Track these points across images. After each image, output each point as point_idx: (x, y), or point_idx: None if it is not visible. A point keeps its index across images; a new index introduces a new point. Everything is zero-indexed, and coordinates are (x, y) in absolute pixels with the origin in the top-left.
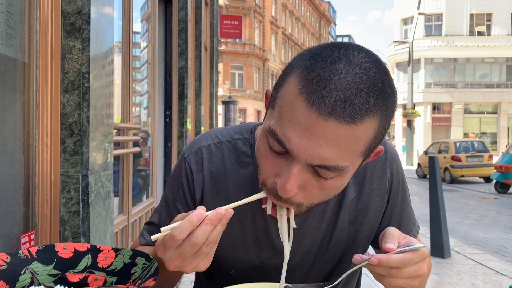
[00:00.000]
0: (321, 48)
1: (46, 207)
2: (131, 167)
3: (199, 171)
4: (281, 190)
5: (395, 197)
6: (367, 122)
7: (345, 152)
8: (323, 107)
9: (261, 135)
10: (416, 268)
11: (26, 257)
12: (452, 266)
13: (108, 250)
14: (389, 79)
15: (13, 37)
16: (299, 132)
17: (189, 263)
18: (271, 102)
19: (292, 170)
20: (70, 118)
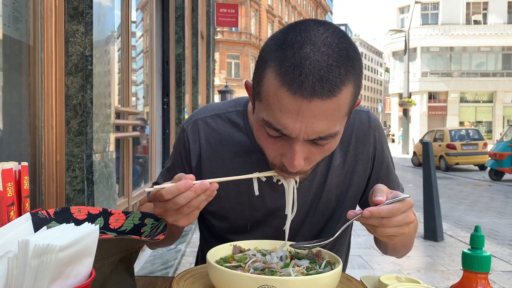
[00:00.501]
0: (284, 35)
1: (52, 186)
2: (131, 151)
3: (196, 141)
4: (290, 167)
5: (380, 162)
6: (344, 90)
7: (333, 120)
8: (305, 92)
9: (257, 126)
10: (404, 216)
11: (45, 217)
12: (445, 249)
13: (119, 213)
14: (350, 42)
15: (19, 21)
16: (291, 118)
17: (170, 216)
18: (256, 95)
19: (295, 148)
20: (74, 100)
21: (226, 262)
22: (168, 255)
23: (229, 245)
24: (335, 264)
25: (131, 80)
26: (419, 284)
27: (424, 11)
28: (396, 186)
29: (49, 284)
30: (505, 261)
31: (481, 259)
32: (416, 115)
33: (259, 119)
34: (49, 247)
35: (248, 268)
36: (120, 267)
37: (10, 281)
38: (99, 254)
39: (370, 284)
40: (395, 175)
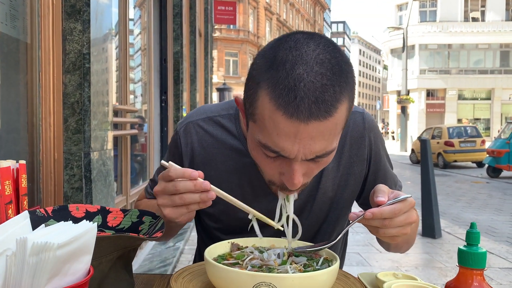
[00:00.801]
0: (273, 52)
1: (50, 183)
2: (129, 148)
3: (188, 144)
4: (290, 186)
5: (377, 163)
6: (340, 108)
7: (330, 139)
8: (301, 115)
9: (252, 145)
10: (406, 216)
11: (43, 215)
12: (443, 246)
13: (117, 211)
14: (341, 54)
15: (17, 18)
16: (289, 141)
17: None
18: (249, 116)
19: (294, 167)
20: (72, 98)
21: (224, 259)
22: (167, 253)
23: (226, 242)
24: (332, 261)
25: (129, 78)
26: (416, 281)
27: (422, 8)
28: (393, 184)
29: (47, 281)
30: (502, 258)
31: (476, 255)
32: (414, 113)
33: (254, 140)
34: (47, 244)
35: (246, 266)
36: (118, 264)
37: (8, 278)
38: (97, 252)
39: (367, 281)
40: (392, 173)
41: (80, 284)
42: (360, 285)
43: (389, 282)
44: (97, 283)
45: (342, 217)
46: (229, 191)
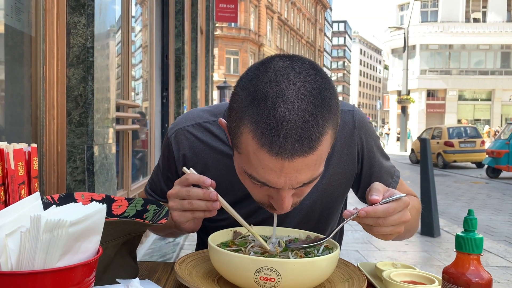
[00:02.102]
0: (254, 85)
1: (53, 176)
2: (131, 143)
3: (179, 150)
4: (280, 210)
5: (371, 160)
6: (324, 140)
7: (316, 168)
8: (285, 153)
9: (239, 171)
10: (400, 215)
11: (49, 202)
12: (441, 244)
13: (122, 200)
14: (322, 79)
15: (22, 12)
16: (275, 175)
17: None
18: (234, 146)
19: (282, 194)
20: (76, 91)
21: (227, 246)
22: (167, 248)
23: (229, 230)
24: (332, 248)
25: (131, 73)
26: (414, 270)
27: (423, 9)
28: (390, 177)
29: (59, 257)
30: (500, 257)
31: (473, 241)
32: (415, 113)
33: (241, 169)
34: (60, 221)
35: (248, 252)
36: (123, 250)
37: (22, 254)
38: (104, 236)
39: (367, 270)
40: (388, 165)
41: (90, 262)
42: (359, 272)
43: (387, 271)
44: (103, 267)
45: (334, 214)
46: (221, 194)
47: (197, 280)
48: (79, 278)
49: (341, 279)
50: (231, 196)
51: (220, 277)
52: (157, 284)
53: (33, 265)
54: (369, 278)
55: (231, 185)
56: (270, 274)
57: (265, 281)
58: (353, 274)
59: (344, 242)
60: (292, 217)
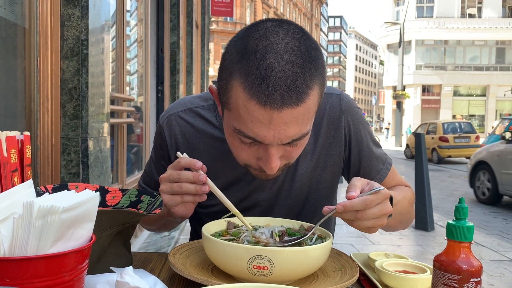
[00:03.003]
0: (244, 42)
1: (48, 169)
2: (126, 137)
3: (171, 136)
4: (268, 170)
5: (359, 144)
6: (311, 94)
7: (304, 123)
8: (274, 103)
9: (228, 131)
10: (379, 208)
11: (43, 192)
12: (435, 239)
13: (116, 191)
14: (310, 40)
15: (15, 3)
16: (264, 127)
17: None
18: (224, 104)
19: (270, 152)
20: (70, 84)
21: (221, 236)
22: (162, 241)
23: (223, 220)
24: (325, 238)
25: (125, 67)
26: (406, 260)
27: (419, 4)
28: (381, 163)
29: (52, 244)
30: (493, 251)
31: (464, 229)
32: (410, 108)
33: (230, 126)
34: (53, 208)
35: (242, 241)
36: (117, 240)
37: (15, 240)
38: (98, 226)
39: (360, 260)
40: (379, 152)
41: (83, 248)
42: (352, 262)
43: (380, 261)
44: (97, 257)
45: (324, 200)
46: (212, 178)
47: (191, 270)
48: (72, 265)
49: (333, 268)
50: (223, 180)
51: (213, 266)
52: (151, 273)
53: (26, 251)
54: (361, 267)
55: (223, 169)
56: (263, 263)
57: (258, 270)
58: (346, 264)
59: (339, 235)
60: (281, 204)
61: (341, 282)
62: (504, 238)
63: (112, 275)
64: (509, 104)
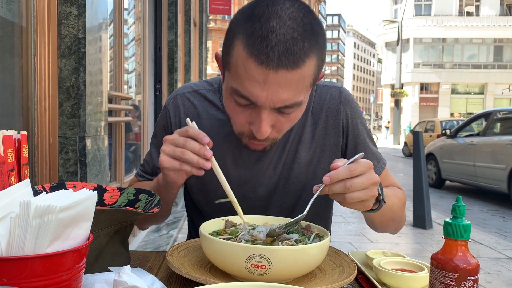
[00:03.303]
0: (251, 8)
1: (45, 167)
2: (123, 136)
3: (176, 115)
4: (258, 134)
5: (356, 137)
6: (308, 62)
7: (297, 90)
8: (271, 63)
9: (226, 94)
10: (366, 177)
11: (40, 191)
12: (433, 236)
13: (113, 190)
14: (314, 17)
15: (12, 1)
16: (258, 87)
17: (166, 147)
18: (225, 65)
19: (262, 116)
20: (67, 82)
21: (219, 235)
22: (160, 240)
23: (221, 219)
24: (323, 237)
25: (123, 65)
26: (403, 258)
27: (417, 2)
28: (376, 160)
29: (49, 243)
30: (491, 248)
31: (461, 227)
32: (408, 106)
33: (228, 87)
34: (50, 207)
35: (240, 240)
36: (115, 239)
37: (12, 240)
38: (95, 225)
39: (358, 258)
40: (375, 150)
41: (81, 248)
42: (350, 260)
43: (378, 259)
44: (95, 256)
45: None
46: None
47: (189, 268)
48: (69, 264)
49: (331, 266)
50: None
51: (211, 265)
52: (149, 272)
53: (23, 250)
54: (359, 266)
55: (223, 151)
56: (261, 262)
57: (256, 268)
58: (344, 262)
59: (337, 234)
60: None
61: (339, 281)
62: (502, 236)
63: (110, 274)
64: (507, 102)
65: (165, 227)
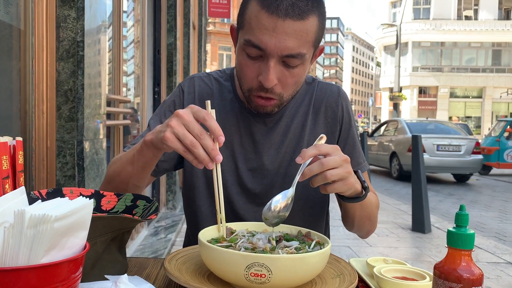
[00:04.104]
0: None
1: (42, 171)
2: (122, 139)
3: (190, 93)
4: (265, 82)
5: (347, 130)
6: (310, 18)
7: (302, 41)
8: (280, 12)
9: (238, 51)
10: (338, 154)
11: (37, 197)
12: (432, 240)
13: (111, 195)
14: None
15: (10, 4)
16: (267, 34)
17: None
18: (240, 25)
19: (270, 64)
20: (65, 85)
21: (218, 242)
22: (158, 244)
23: (220, 226)
24: (324, 244)
25: (122, 69)
26: (404, 265)
27: (416, 6)
28: (361, 158)
29: (44, 253)
30: (490, 253)
31: (465, 236)
32: (406, 110)
33: (240, 44)
34: (45, 216)
35: (239, 248)
36: (112, 246)
37: (6, 250)
38: (92, 232)
39: (358, 266)
40: (360, 149)
41: (77, 258)
42: (350, 268)
43: (378, 267)
44: (91, 263)
45: None
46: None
47: (187, 277)
48: (65, 275)
49: (332, 275)
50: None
51: (210, 273)
52: (146, 280)
53: (17, 261)
54: (360, 274)
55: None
56: (260, 270)
57: (256, 277)
58: (344, 270)
59: (336, 237)
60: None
61: None
62: (501, 240)
63: (107, 283)
64: (505, 106)
65: (163, 231)
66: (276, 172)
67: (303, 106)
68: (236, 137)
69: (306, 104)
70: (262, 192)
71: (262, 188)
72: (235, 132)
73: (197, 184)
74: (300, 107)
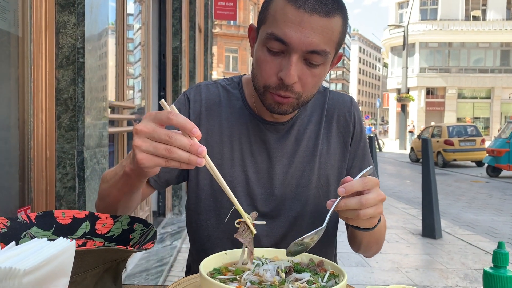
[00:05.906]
0: None
1: (42, 182)
2: (126, 146)
3: (196, 101)
4: (286, 78)
5: (358, 140)
6: (336, 17)
7: (326, 38)
8: (307, 7)
9: (258, 46)
10: (377, 193)
11: (25, 222)
12: (443, 247)
13: (106, 217)
14: None
15: (7, 10)
16: (293, 28)
17: (143, 142)
18: (261, 21)
19: (292, 60)
20: (65, 94)
21: (220, 273)
22: (164, 251)
23: (224, 253)
24: (339, 276)
25: (126, 74)
26: None
27: (423, 7)
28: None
29: None
30: None
31: (505, 279)
32: (414, 111)
33: (262, 38)
34: (12, 271)
35: (244, 282)
36: (106, 278)
37: None
38: (81, 267)
39: None
40: (371, 159)
41: None
42: None
43: None
44: None
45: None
46: (229, 145)
47: None
48: None
49: None
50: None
51: None
52: None
53: None
54: None
55: (240, 139)
56: None
57: None
58: None
59: (345, 244)
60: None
61: None
62: None
63: None
64: None
65: (168, 238)
66: (288, 183)
67: (315, 115)
68: (246, 145)
69: (318, 113)
70: (272, 203)
71: (273, 199)
72: (245, 140)
73: (203, 196)
74: (313, 116)
